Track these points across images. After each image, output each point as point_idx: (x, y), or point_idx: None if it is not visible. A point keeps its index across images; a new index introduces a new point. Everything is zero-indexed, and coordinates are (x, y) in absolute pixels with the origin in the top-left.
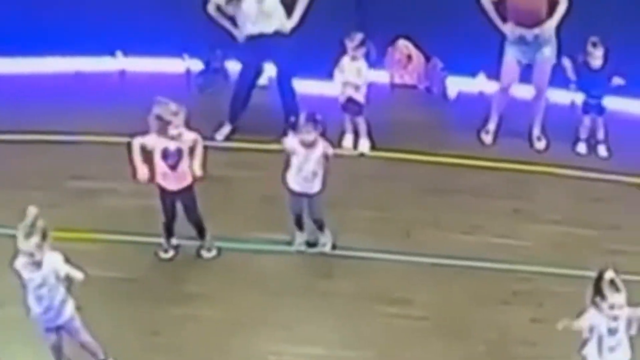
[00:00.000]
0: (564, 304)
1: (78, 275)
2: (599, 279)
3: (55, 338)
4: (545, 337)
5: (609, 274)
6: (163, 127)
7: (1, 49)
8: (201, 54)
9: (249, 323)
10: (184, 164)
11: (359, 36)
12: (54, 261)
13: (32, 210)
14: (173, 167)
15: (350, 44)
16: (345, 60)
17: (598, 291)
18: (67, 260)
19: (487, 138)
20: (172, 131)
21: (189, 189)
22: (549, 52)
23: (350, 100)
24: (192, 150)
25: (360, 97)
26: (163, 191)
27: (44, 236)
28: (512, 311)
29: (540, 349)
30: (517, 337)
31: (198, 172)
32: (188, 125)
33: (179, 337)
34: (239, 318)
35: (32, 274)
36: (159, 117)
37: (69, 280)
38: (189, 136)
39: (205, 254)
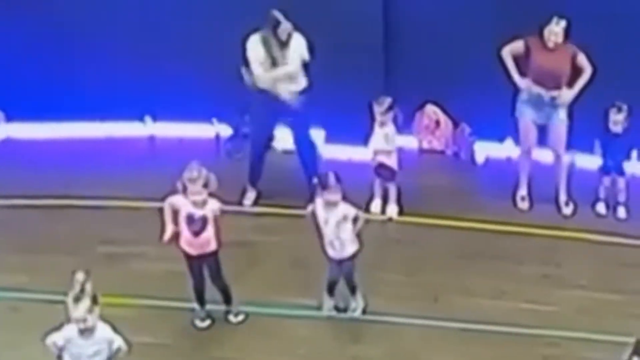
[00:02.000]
0: None
1: (124, 346)
2: (637, 346)
3: None
4: None
5: None
6: (184, 192)
7: (32, 113)
8: (230, 119)
9: None
10: (208, 232)
11: (387, 100)
12: (108, 331)
13: (80, 276)
14: (196, 234)
15: (378, 109)
16: (375, 127)
17: (637, 352)
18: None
19: (524, 204)
20: (193, 197)
21: (212, 254)
22: (563, 115)
23: (381, 165)
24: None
25: (392, 162)
26: (188, 256)
27: (94, 301)
28: None
29: None
30: None
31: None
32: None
33: None
34: None
35: (84, 342)
36: (182, 182)
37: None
38: (213, 205)
39: (232, 318)
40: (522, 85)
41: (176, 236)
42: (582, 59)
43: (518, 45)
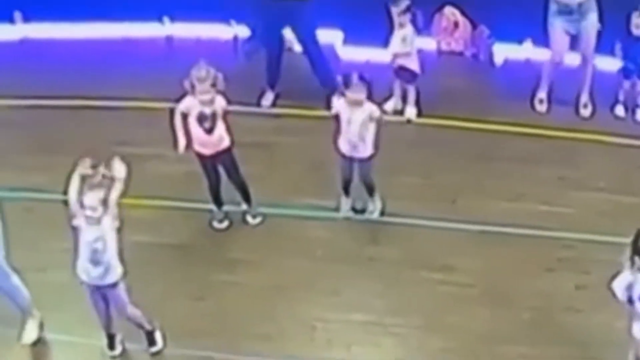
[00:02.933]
0: (608, 271)
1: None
2: (637, 238)
3: (104, 307)
4: (590, 304)
5: None
6: (192, 91)
7: (50, 14)
8: (248, 20)
9: (294, 289)
10: (219, 128)
11: (404, 2)
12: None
13: (103, 170)
14: (209, 131)
15: (395, 10)
16: (395, 28)
17: (635, 250)
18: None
19: (542, 107)
20: (202, 97)
21: (226, 151)
22: (593, 19)
23: (402, 68)
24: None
25: (413, 64)
26: (201, 157)
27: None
28: (557, 278)
29: (585, 315)
30: (561, 304)
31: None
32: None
33: (224, 303)
34: (284, 284)
35: (90, 228)
36: (190, 81)
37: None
38: (221, 101)
39: (250, 220)
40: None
41: (189, 141)
42: None
43: None
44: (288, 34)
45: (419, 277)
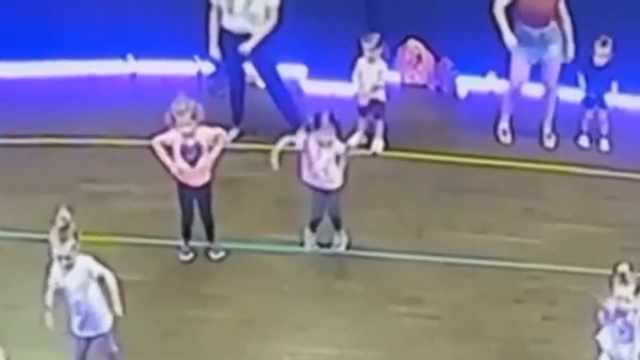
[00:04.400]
0: (575, 302)
1: (108, 275)
2: (614, 271)
3: (84, 347)
4: (557, 334)
5: (621, 267)
6: (172, 124)
7: (14, 52)
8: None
9: (263, 324)
10: (203, 160)
11: (376, 37)
12: (86, 261)
13: (64, 213)
14: (192, 163)
15: (367, 45)
16: (363, 63)
17: (610, 283)
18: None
19: (506, 138)
20: (183, 129)
21: (206, 186)
22: (556, 51)
23: (373, 101)
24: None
25: (383, 97)
26: (182, 188)
27: (76, 237)
28: (524, 310)
29: (553, 346)
30: (529, 335)
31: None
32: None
33: (194, 339)
34: (253, 319)
35: (66, 276)
36: (170, 114)
37: (102, 283)
38: (209, 132)
39: (213, 255)
40: (510, 44)
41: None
42: (562, 7)
43: None
44: (250, 69)
45: (386, 311)
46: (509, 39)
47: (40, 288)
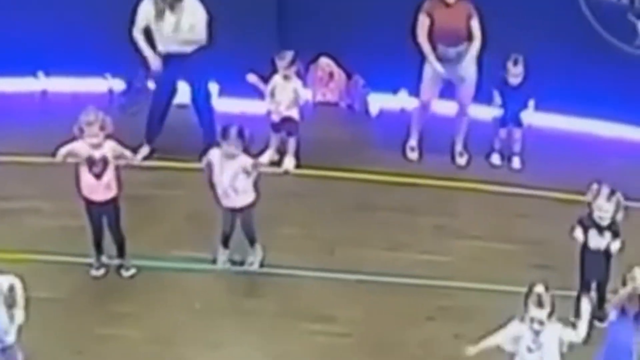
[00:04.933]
0: (488, 319)
1: (18, 284)
2: (529, 291)
3: None
4: None
5: (538, 288)
6: (81, 135)
7: None
8: (123, 73)
9: (174, 342)
10: (109, 174)
11: (289, 55)
12: None
13: None
14: (98, 176)
15: (281, 63)
16: (278, 80)
17: (525, 303)
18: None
19: (413, 155)
20: (90, 140)
21: (113, 201)
22: (471, 69)
23: (286, 119)
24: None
25: (297, 115)
26: (89, 203)
27: None
28: (436, 327)
29: None
30: (441, 353)
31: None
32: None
33: (104, 357)
34: (164, 337)
35: None
36: (78, 125)
37: (11, 297)
38: (116, 147)
39: (124, 272)
40: (439, 71)
41: (77, 185)
42: (475, 24)
43: (425, 23)
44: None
45: (298, 328)
46: (438, 67)
47: None
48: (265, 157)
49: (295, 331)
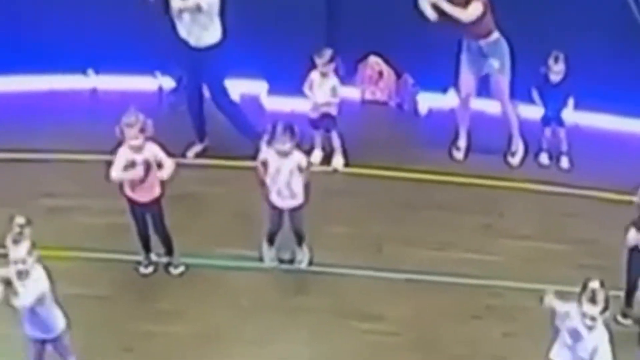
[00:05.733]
0: (535, 319)
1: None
2: (584, 287)
3: (39, 349)
4: (516, 351)
5: (593, 284)
6: (122, 138)
7: None
8: (173, 71)
9: (221, 339)
10: (151, 176)
11: (328, 52)
12: (40, 272)
13: (19, 219)
14: (140, 179)
15: (319, 61)
16: (316, 77)
17: (579, 299)
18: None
19: (459, 154)
20: (131, 142)
21: (156, 201)
22: (497, 65)
23: (324, 115)
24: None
25: (334, 111)
26: (132, 204)
27: (33, 245)
28: (484, 326)
29: None
30: (488, 351)
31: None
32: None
33: (152, 354)
34: (211, 334)
35: (20, 283)
36: (120, 128)
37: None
38: (157, 151)
39: (172, 270)
40: (463, 16)
41: (120, 185)
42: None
43: None
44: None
45: (346, 327)
46: (429, 13)
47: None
48: (315, 157)
49: (343, 329)
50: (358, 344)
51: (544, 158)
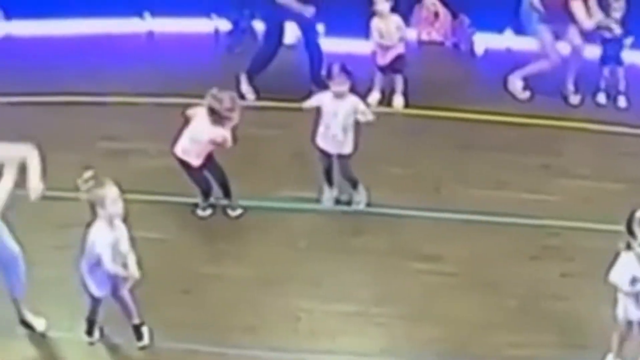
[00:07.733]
0: (593, 258)
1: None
2: (630, 219)
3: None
4: (575, 291)
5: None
6: (218, 121)
7: (31, 11)
8: (229, 13)
9: (278, 281)
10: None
11: None
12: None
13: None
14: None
15: None
16: (377, 21)
17: (630, 231)
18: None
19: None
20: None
21: (209, 158)
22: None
23: (398, 57)
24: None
25: (403, 49)
26: (186, 167)
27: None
28: (542, 266)
29: (570, 303)
30: (547, 291)
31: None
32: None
33: (210, 296)
34: (268, 276)
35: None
36: (214, 111)
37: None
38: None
39: (230, 212)
40: None
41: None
42: None
43: None
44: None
45: (404, 267)
46: None
47: (55, 247)
48: (373, 98)
49: (401, 270)
50: (415, 285)
51: (601, 97)
